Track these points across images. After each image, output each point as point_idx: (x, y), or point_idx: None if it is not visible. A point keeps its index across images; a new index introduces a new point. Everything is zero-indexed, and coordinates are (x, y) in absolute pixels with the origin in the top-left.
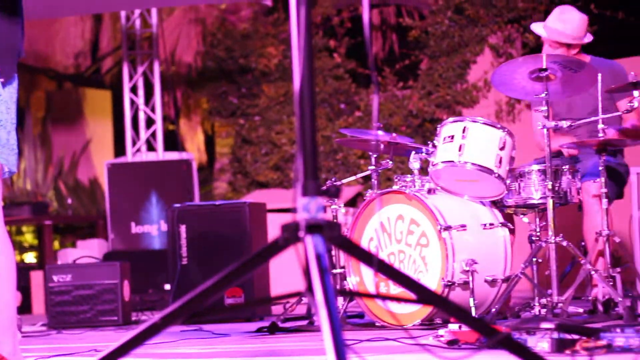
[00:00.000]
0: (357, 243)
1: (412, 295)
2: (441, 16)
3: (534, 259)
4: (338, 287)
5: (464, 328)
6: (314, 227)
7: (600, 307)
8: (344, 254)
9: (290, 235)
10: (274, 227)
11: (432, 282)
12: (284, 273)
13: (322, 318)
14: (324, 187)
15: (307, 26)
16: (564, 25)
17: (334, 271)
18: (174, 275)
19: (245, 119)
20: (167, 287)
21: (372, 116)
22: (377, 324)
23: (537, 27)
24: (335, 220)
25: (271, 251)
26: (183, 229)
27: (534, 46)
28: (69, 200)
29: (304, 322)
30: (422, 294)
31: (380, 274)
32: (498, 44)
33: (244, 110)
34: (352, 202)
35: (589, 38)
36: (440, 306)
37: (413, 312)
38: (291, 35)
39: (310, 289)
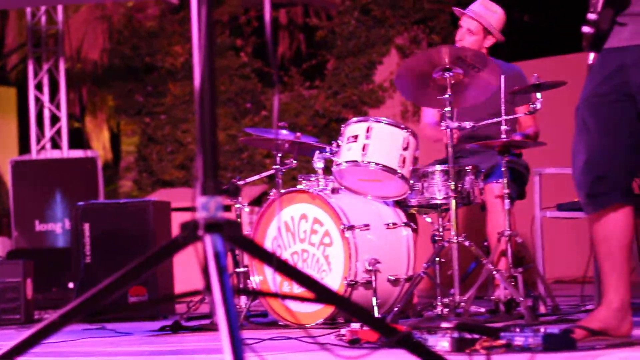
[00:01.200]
0: (257, 242)
1: (313, 295)
2: (348, 16)
3: (437, 259)
4: (242, 285)
5: (366, 327)
6: (213, 226)
7: (502, 307)
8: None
9: (189, 233)
10: (178, 225)
11: (335, 281)
12: (190, 272)
13: (220, 317)
14: (224, 186)
15: (209, 25)
16: (489, 13)
17: (238, 270)
18: (78, 273)
19: (151, 118)
20: (72, 285)
21: (273, 115)
22: (280, 323)
23: (459, 10)
24: (234, 219)
25: (170, 250)
26: (87, 227)
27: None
28: None
29: (207, 321)
30: (322, 294)
31: (280, 273)
32: (404, 44)
33: (150, 108)
34: (257, 201)
35: (501, 38)
36: (340, 305)
37: (316, 311)
38: (192, 34)
39: (208, 287)
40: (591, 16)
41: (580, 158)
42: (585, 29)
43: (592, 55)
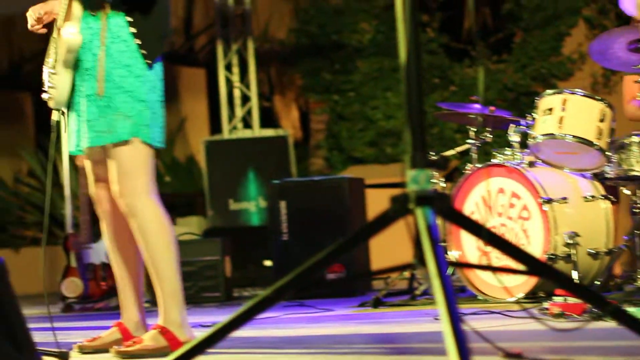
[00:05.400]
0: (467, 215)
1: (520, 267)
2: None
3: (638, 232)
4: None
5: (569, 300)
6: (424, 199)
7: None
8: (452, 225)
9: (400, 207)
10: (372, 202)
11: (535, 255)
12: (385, 249)
13: (436, 288)
14: (433, 159)
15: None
16: None
17: None
18: (274, 251)
19: (339, 95)
20: (267, 263)
21: (478, 88)
22: (479, 298)
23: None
24: (445, 192)
25: (381, 223)
26: (283, 205)
27: (629, 18)
28: (167, 178)
29: (406, 297)
30: (532, 265)
31: (490, 245)
32: (592, 15)
33: (338, 86)
34: (449, 177)
35: None
36: (551, 277)
37: (516, 285)
38: (396, 8)
39: (421, 260)
40: None
41: None
42: None
43: None
